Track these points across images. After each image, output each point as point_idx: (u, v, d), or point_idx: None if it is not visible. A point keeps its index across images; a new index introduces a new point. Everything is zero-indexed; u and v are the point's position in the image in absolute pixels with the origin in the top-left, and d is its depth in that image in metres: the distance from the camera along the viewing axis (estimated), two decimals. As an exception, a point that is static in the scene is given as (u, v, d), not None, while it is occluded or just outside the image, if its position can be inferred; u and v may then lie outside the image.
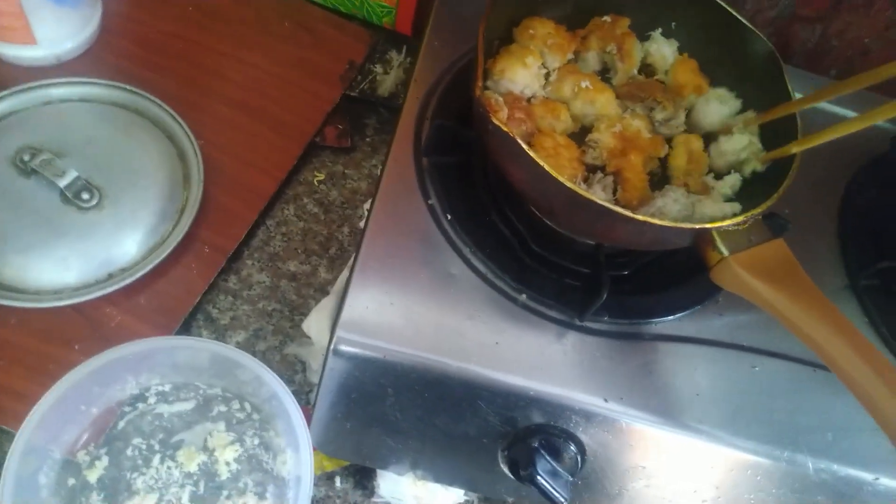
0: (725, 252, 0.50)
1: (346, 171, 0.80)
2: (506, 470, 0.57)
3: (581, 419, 0.54)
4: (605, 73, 0.64)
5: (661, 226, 0.49)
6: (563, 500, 0.53)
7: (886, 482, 0.55)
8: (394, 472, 0.61)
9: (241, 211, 0.72)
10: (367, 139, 0.83)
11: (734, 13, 0.63)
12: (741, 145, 0.60)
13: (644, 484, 0.57)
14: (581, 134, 0.60)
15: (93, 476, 0.56)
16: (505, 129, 0.49)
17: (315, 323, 0.64)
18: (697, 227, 0.50)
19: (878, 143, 0.75)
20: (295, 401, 0.56)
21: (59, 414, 0.54)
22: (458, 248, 0.58)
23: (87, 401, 0.57)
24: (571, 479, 0.54)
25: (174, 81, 0.77)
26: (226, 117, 0.77)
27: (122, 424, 0.59)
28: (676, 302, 0.60)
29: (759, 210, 0.51)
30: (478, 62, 0.53)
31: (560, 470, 0.54)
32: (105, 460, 0.57)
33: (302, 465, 0.55)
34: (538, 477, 0.52)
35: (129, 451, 0.58)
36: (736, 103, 0.63)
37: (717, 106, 0.62)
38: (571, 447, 0.55)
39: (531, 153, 0.48)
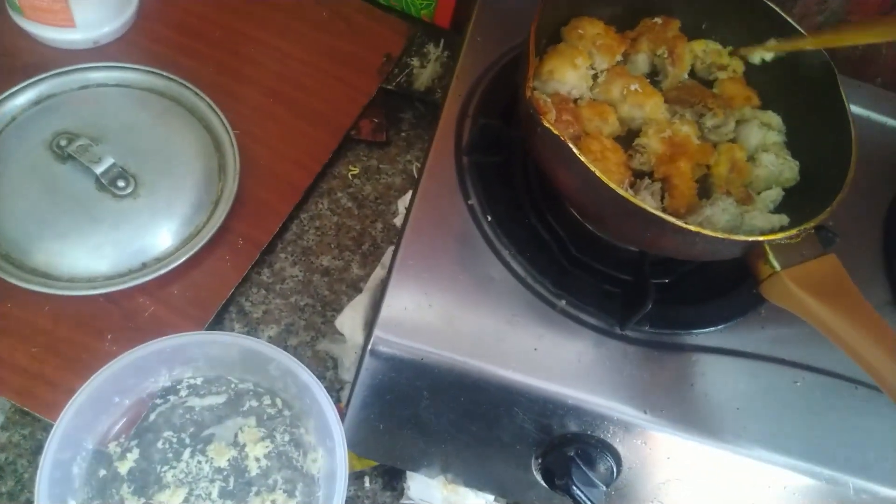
0: (777, 267, 0.49)
1: (380, 165, 0.79)
2: (539, 478, 0.56)
3: (619, 429, 0.53)
4: (652, 76, 0.63)
5: (713, 237, 0.47)
6: (597, 511, 0.52)
7: (929, 505, 0.54)
8: (424, 474, 0.60)
9: (276, 203, 0.71)
10: (403, 134, 0.82)
11: (787, 18, 0.61)
12: (770, 160, 0.59)
13: (679, 496, 0.56)
14: (626, 138, 0.59)
15: (123, 468, 0.56)
16: (556, 132, 0.48)
17: (349, 320, 0.63)
18: (751, 239, 0.49)
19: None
20: (330, 399, 0.56)
21: (94, 404, 0.54)
22: (497, 251, 0.57)
23: (121, 392, 0.56)
24: (606, 489, 0.53)
25: (210, 69, 0.76)
26: (261, 107, 0.76)
27: (153, 416, 0.58)
28: (718, 313, 0.59)
29: (812, 223, 0.50)
30: (528, 62, 0.52)
31: (595, 480, 0.53)
32: (136, 452, 0.57)
33: (337, 462, 0.54)
34: (574, 487, 0.52)
35: (159, 444, 0.57)
36: (777, 131, 0.61)
37: (757, 130, 0.61)
38: (608, 457, 0.54)
39: (582, 158, 0.47)
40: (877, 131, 0.75)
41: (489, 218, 0.58)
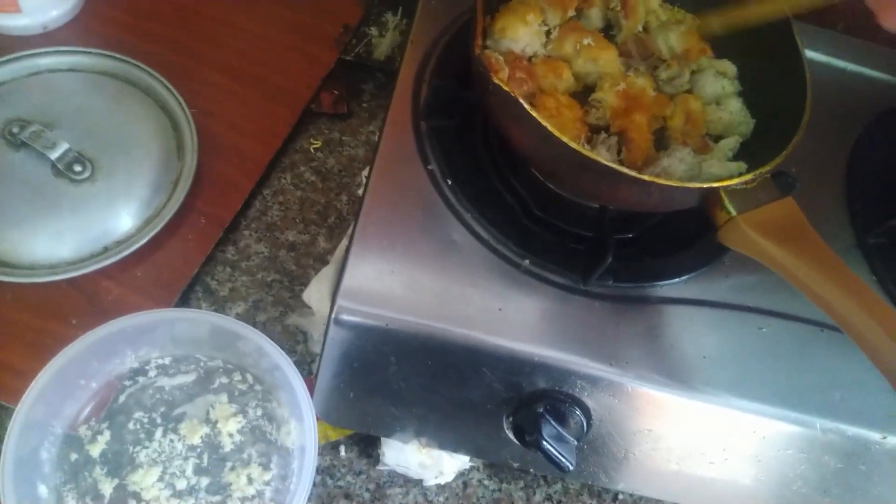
0: (733, 212, 0.49)
1: (342, 137, 0.78)
2: (511, 436, 0.56)
3: (587, 384, 0.53)
4: (608, 31, 0.63)
5: (667, 186, 0.47)
6: (568, 465, 0.52)
7: (894, 441, 0.54)
8: (398, 439, 0.61)
9: (237, 180, 0.71)
10: (364, 104, 0.81)
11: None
12: (736, 108, 0.59)
13: (651, 447, 0.57)
14: (583, 94, 0.59)
15: (95, 450, 0.56)
16: (506, 88, 0.47)
17: (315, 292, 0.63)
18: (705, 186, 0.49)
19: (888, 99, 0.73)
20: (297, 371, 0.56)
21: (58, 389, 0.54)
22: (459, 214, 0.57)
23: (86, 375, 0.56)
24: (577, 443, 0.54)
25: (165, 49, 0.75)
26: (219, 85, 0.75)
27: (122, 398, 0.58)
28: (682, 264, 0.59)
29: (767, 168, 0.50)
30: (476, 19, 0.51)
31: (566, 435, 0.53)
32: (107, 434, 0.57)
33: (306, 435, 0.54)
34: (544, 442, 0.52)
35: (130, 425, 0.57)
36: (732, 79, 0.61)
37: (713, 79, 0.60)
38: (577, 412, 0.54)
39: (534, 114, 0.47)
40: (837, 77, 0.75)
41: (449, 182, 0.58)
